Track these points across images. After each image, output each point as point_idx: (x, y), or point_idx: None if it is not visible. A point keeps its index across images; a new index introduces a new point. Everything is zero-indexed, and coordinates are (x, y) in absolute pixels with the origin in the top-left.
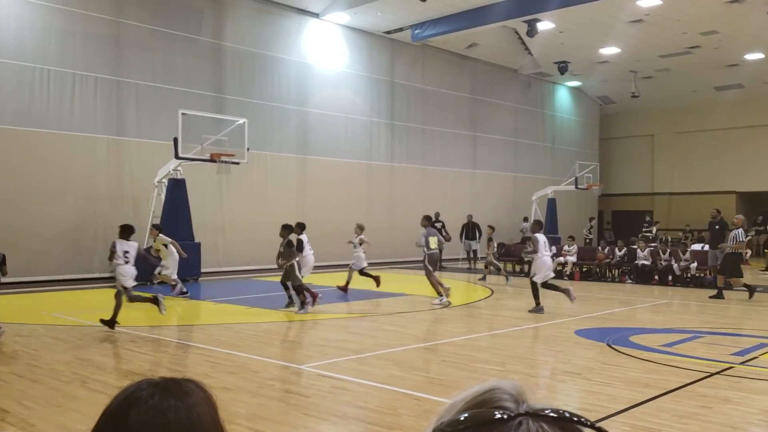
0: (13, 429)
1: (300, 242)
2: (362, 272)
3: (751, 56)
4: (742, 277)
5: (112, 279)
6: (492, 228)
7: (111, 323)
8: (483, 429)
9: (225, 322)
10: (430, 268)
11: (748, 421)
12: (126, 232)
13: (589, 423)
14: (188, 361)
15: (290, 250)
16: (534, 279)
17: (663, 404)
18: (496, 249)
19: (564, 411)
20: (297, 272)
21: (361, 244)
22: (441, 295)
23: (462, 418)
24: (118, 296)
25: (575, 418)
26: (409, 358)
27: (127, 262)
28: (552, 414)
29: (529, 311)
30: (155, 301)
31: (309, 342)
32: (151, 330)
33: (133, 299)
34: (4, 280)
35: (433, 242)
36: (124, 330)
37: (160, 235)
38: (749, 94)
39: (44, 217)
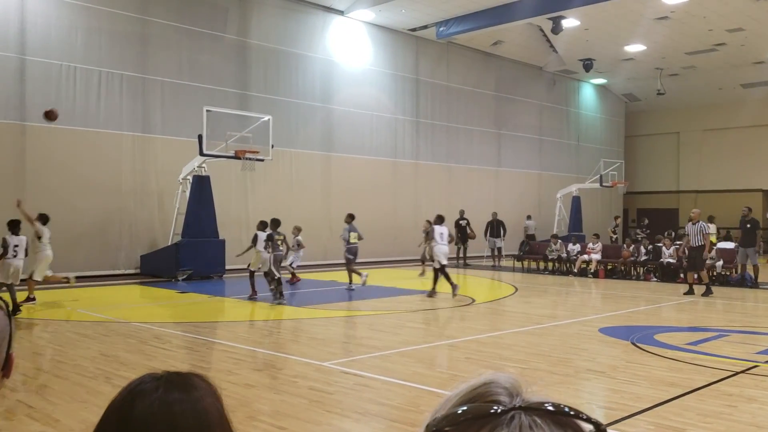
0: (38, 424)
1: (255, 237)
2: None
3: None
4: (702, 270)
5: (137, 275)
6: (429, 222)
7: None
8: (477, 423)
9: (248, 319)
10: (350, 257)
11: None
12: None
13: (584, 417)
14: (212, 357)
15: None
16: (435, 266)
17: (687, 403)
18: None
19: (559, 404)
20: (271, 265)
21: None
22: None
23: (459, 412)
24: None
25: (570, 412)
26: (432, 356)
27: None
28: (546, 407)
29: (428, 295)
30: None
31: (332, 339)
32: (175, 326)
33: None
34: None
35: (354, 237)
36: (148, 326)
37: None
38: None
39: (71, 214)
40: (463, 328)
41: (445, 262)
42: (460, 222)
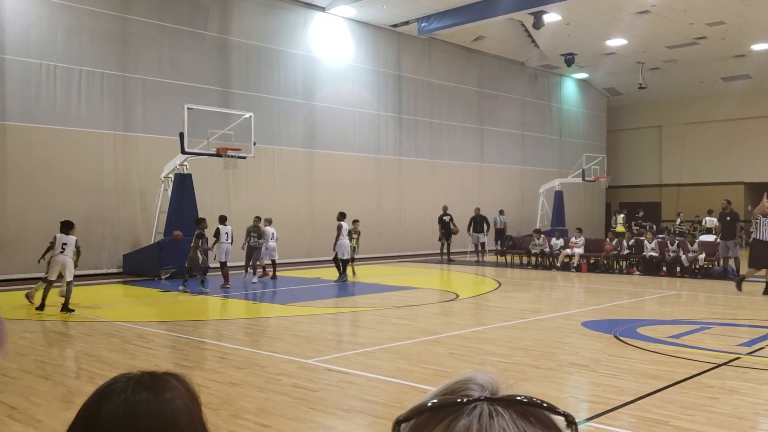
0: (20, 425)
1: (217, 231)
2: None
3: (757, 47)
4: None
5: (120, 274)
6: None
7: None
8: (441, 412)
9: (232, 317)
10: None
11: (755, 411)
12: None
13: (546, 405)
14: (195, 356)
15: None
16: (339, 257)
17: (670, 396)
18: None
19: (530, 397)
20: (198, 258)
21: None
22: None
23: (427, 404)
24: None
25: (533, 401)
26: (417, 351)
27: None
28: (515, 398)
29: (336, 282)
30: None
31: (316, 336)
32: (158, 325)
33: None
34: (12, 276)
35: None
36: (132, 325)
37: None
38: (756, 85)
39: (52, 213)
40: (447, 324)
41: (347, 256)
42: (444, 218)
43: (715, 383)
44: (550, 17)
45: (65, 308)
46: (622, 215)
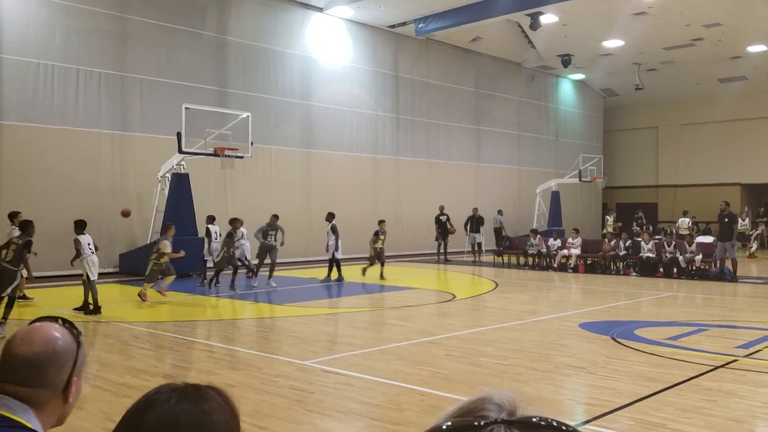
0: None
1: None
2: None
3: (754, 48)
4: None
5: (116, 274)
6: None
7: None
8: None
9: (229, 318)
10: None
11: (752, 414)
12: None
13: (564, 428)
14: (192, 357)
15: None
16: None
17: (667, 398)
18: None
19: (547, 419)
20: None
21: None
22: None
23: (443, 426)
24: None
25: (550, 424)
26: (414, 353)
27: None
28: (532, 421)
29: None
30: None
31: (313, 337)
32: (155, 326)
33: None
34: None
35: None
36: (128, 326)
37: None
38: (753, 86)
39: (49, 213)
40: (444, 325)
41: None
42: (440, 217)
43: (713, 386)
44: (547, 18)
45: (96, 309)
46: (611, 216)
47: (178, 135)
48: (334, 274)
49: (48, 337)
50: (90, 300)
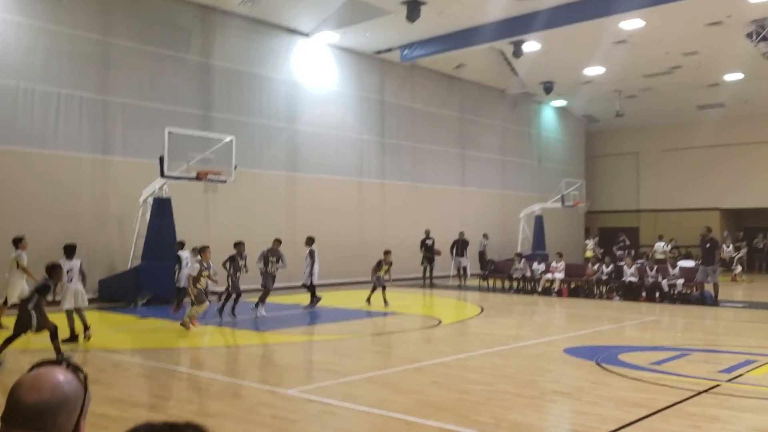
0: None
1: (178, 257)
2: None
3: (730, 77)
4: None
5: (95, 300)
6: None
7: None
8: None
9: (210, 345)
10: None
11: None
12: None
13: None
14: (172, 386)
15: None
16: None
17: (652, 424)
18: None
19: None
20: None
21: None
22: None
23: None
24: None
25: None
26: (399, 380)
27: None
28: None
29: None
30: None
31: (296, 365)
32: (134, 353)
33: None
34: None
35: None
36: (107, 353)
37: None
38: (730, 113)
39: (27, 237)
40: (430, 351)
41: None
42: (427, 241)
43: (697, 411)
44: (530, 46)
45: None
46: (592, 241)
47: (161, 159)
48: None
49: (57, 384)
50: (78, 328)
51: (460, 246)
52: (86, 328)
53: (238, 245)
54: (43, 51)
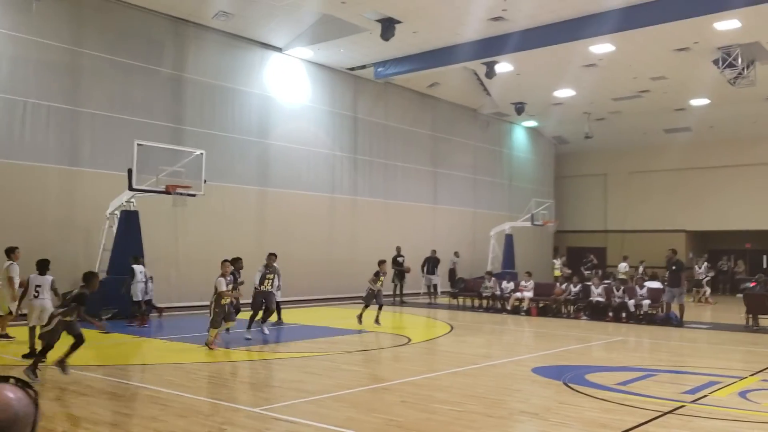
0: None
1: (132, 270)
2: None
3: (696, 102)
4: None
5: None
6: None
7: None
8: None
9: (176, 362)
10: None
11: None
12: None
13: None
14: (136, 403)
15: None
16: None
17: None
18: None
19: None
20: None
21: None
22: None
23: None
24: None
25: None
26: (368, 399)
27: None
28: None
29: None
30: None
31: (264, 383)
32: (96, 370)
33: None
34: None
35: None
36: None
37: None
38: (696, 138)
39: None
40: (399, 370)
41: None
42: (398, 258)
43: None
44: (502, 67)
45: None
46: (559, 260)
47: (129, 171)
48: (274, 318)
49: (7, 402)
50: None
51: (431, 264)
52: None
53: (237, 261)
54: (10, 59)
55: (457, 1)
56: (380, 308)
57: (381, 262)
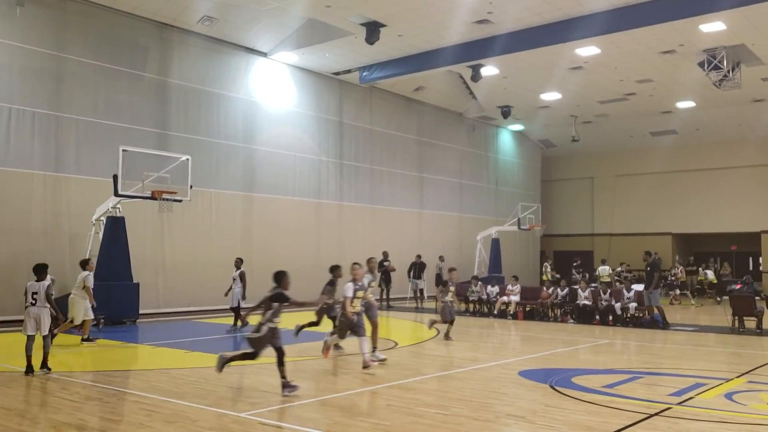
0: None
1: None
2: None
3: (682, 104)
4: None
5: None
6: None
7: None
8: None
9: (163, 367)
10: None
11: None
12: None
13: None
14: (123, 409)
15: None
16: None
17: None
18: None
19: None
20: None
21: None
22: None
23: None
24: None
25: None
26: (354, 404)
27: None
28: None
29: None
30: None
31: (251, 388)
32: (84, 375)
33: None
34: None
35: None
36: (55, 375)
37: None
38: (682, 140)
39: None
40: (386, 374)
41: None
42: (385, 263)
43: None
44: (488, 71)
45: (44, 365)
46: (548, 264)
47: (115, 177)
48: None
49: None
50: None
51: (417, 269)
52: (45, 357)
53: (335, 269)
54: None
55: (442, 4)
56: (452, 323)
57: (451, 270)
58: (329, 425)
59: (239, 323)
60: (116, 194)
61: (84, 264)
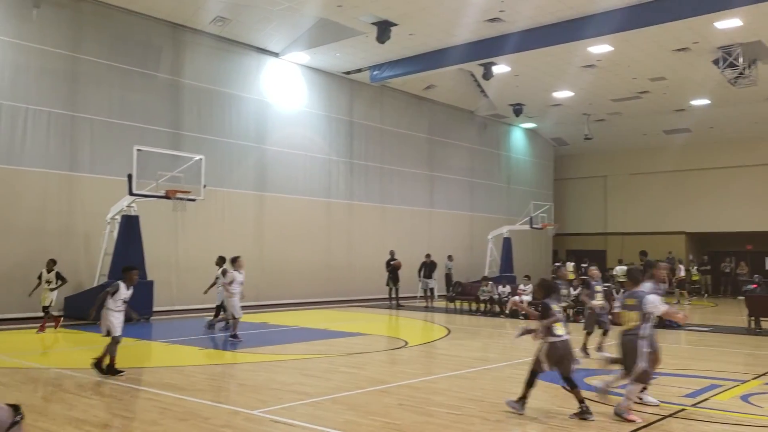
0: None
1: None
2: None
3: (696, 102)
4: None
5: (63, 317)
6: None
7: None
8: None
9: (176, 365)
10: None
11: None
12: None
13: None
14: (136, 406)
15: None
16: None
17: None
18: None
19: None
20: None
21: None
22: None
23: None
24: None
25: None
26: (365, 402)
27: None
28: None
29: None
30: None
31: (262, 385)
32: (98, 372)
33: None
34: None
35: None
36: (71, 372)
37: None
38: (696, 138)
39: None
40: (396, 373)
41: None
42: (392, 262)
43: None
44: (500, 68)
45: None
46: (572, 263)
47: (129, 177)
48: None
49: None
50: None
51: (427, 268)
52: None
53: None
54: (11, 66)
55: (454, 3)
56: (605, 333)
57: (590, 266)
58: (341, 423)
59: (218, 319)
60: (131, 193)
61: (233, 261)
